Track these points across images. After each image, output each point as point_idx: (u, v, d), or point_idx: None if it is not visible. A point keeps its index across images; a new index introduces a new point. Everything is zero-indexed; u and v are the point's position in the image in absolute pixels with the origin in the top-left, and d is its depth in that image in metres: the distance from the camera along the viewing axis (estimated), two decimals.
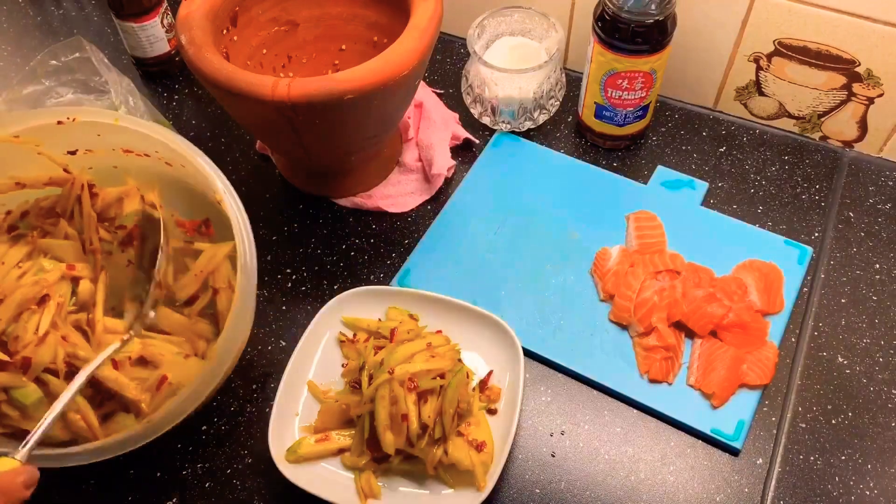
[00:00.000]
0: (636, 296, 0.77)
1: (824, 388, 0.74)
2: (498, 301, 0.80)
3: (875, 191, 0.88)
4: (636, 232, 0.83)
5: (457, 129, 0.92)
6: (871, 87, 0.85)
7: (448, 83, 0.99)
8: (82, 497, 0.70)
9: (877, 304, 0.79)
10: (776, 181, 0.89)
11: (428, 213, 0.88)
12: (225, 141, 0.95)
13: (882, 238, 0.84)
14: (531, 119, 0.92)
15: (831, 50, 0.84)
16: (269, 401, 0.75)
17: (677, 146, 0.92)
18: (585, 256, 0.83)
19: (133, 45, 0.98)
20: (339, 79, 0.70)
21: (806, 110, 0.91)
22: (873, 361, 0.76)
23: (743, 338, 0.75)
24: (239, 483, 0.71)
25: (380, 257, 0.84)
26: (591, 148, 0.93)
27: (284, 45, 0.88)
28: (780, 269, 0.80)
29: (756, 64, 0.89)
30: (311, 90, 0.69)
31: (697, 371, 0.74)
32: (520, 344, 0.73)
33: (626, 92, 0.85)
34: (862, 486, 0.69)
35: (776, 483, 0.70)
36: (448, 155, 0.89)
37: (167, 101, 0.99)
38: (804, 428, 0.72)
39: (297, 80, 0.70)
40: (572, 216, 0.86)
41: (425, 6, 0.75)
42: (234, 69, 0.71)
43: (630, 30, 0.79)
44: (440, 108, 0.94)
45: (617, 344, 0.77)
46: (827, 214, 0.86)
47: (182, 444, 0.73)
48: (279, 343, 0.79)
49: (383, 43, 0.85)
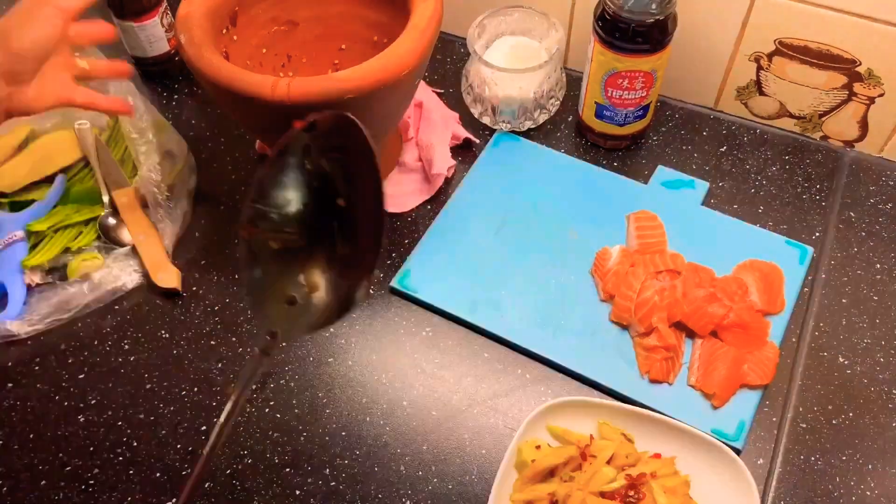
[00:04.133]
0: (637, 296, 0.77)
1: (825, 389, 0.74)
2: (498, 301, 0.80)
3: (876, 190, 0.88)
4: (636, 232, 0.83)
5: (457, 129, 0.92)
6: (871, 86, 0.85)
7: (448, 83, 0.99)
8: (82, 497, 0.70)
9: (878, 303, 0.79)
10: (777, 181, 0.89)
11: (428, 213, 0.88)
12: (225, 141, 0.94)
13: (883, 238, 0.84)
14: (531, 119, 0.92)
15: (832, 49, 0.84)
16: (269, 401, 0.75)
17: (678, 146, 0.92)
18: (585, 256, 0.83)
19: (133, 45, 0.98)
20: (339, 78, 0.69)
21: (807, 110, 0.91)
22: (874, 361, 0.76)
23: (744, 338, 0.75)
24: (239, 483, 0.71)
25: (379, 257, 0.84)
26: (592, 148, 0.93)
27: (284, 44, 0.87)
28: (780, 269, 0.80)
29: (757, 63, 0.89)
30: (310, 90, 0.69)
31: (698, 371, 0.74)
32: (755, 486, 0.64)
33: (627, 91, 0.85)
34: (863, 487, 0.69)
35: (777, 483, 0.69)
36: (448, 155, 0.89)
37: (167, 100, 0.99)
38: (805, 428, 0.72)
39: (297, 79, 0.69)
40: (572, 216, 0.86)
41: (425, 6, 0.75)
42: (234, 69, 0.71)
43: (630, 29, 0.79)
44: (440, 107, 0.94)
45: (617, 344, 0.77)
46: (828, 214, 0.86)
47: (182, 444, 0.73)
48: None
49: (383, 42, 0.85)
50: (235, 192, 0.90)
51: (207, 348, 0.79)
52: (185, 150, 0.90)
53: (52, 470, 0.72)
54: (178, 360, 0.78)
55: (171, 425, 0.74)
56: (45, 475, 0.72)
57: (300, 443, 0.73)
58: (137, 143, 0.87)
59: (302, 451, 0.73)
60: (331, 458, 0.72)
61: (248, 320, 0.81)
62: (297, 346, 0.78)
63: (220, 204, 0.89)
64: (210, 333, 0.80)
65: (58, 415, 0.75)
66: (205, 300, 0.82)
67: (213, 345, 0.79)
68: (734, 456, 0.66)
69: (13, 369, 0.78)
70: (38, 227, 0.83)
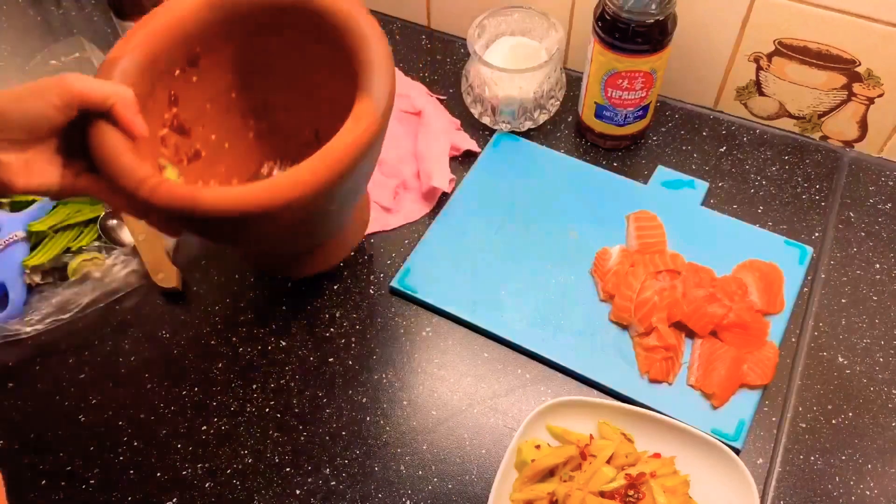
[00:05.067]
0: (636, 296, 0.77)
1: (824, 388, 0.74)
2: (498, 301, 0.80)
3: (875, 191, 0.88)
4: (636, 232, 0.83)
5: (457, 139, 0.92)
6: (871, 86, 0.85)
7: (448, 83, 0.99)
8: (82, 497, 0.70)
9: (877, 304, 0.79)
10: (776, 181, 0.89)
11: (428, 213, 0.88)
12: None
13: (882, 238, 0.84)
14: (531, 119, 0.92)
15: (832, 50, 0.84)
16: (270, 401, 0.75)
17: (677, 146, 0.92)
18: (585, 256, 0.83)
19: None
20: (206, 196, 0.59)
21: (806, 110, 0.91)
22: (874, 361, 0.76)
23: (743, 338, 0.75)
24: (239, 483, 0.71)
25: (380, 257, 0.84)
26: (592, 148, 0.93)
27: (262, 86, 0.78)
28: (780, 269, 0.80)
29: (756, 64, 0.89)
30: (174, 201, 0.59)
31: (698, 371, 0.74)
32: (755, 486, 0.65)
33: (627, 92, 0.85)
34: (862, 487, 0.69)
35: (776, 483, 0.69)
36: (447, 168, 0.89)
37: None
38: (804, 428, 0.72)
39: (166, 184, 0.60)
40: (572, 216, 0.86)
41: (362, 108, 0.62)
42: (115, 147, 0.60)
43: (630, 29, 0.79)
44: (440, 115, 0.94)
45: (617, 344, 0.77)
46: (827, 214, 0.86)
47: (182, 444, 0.73)
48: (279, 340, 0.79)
49: None
50: None
51: (207, 348, 0.79)
52: None
53: (52, 470, 0.72)
54: (178, 360, 0.78)
55: (171, 425, 0.74)
56: (45, 475, 0.72)
57: (300, 443, 0.73)
58: None
59: (302, 451, 0.73)
60: (331, 458, 0.72)
61: (249, 320, 0.81)
62: (298, 346, 0.78)
63: None
64: (210, 333, 0.80)
65: (58, 415, 0.75)
66: (205, 300, 0.82)
67: (213, 345, 0.79)
68: (734, 456, 0.66)
69: (13, 369, 0.78)
70: (38, 227, 0.83)
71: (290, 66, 0.77)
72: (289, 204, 0.59)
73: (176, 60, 0.71)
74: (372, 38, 0.66)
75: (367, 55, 0.65)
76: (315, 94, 0.78)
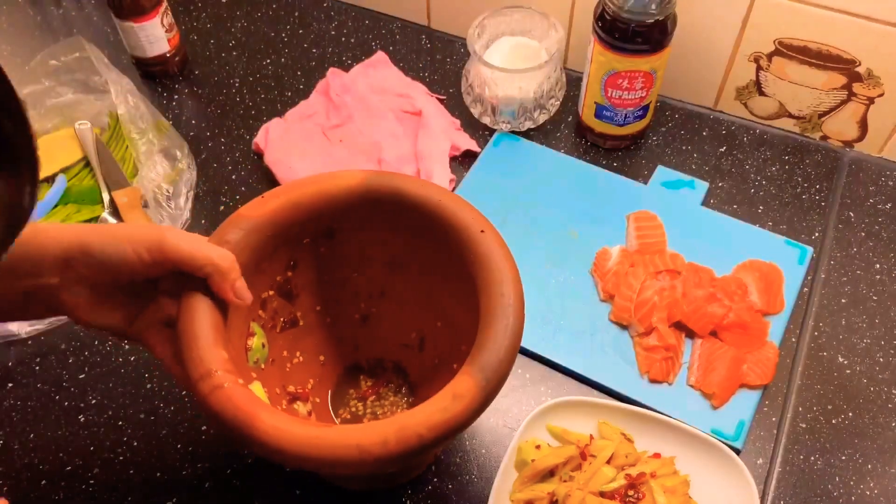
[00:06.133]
0: (636, 296, 0.77)
1: (824, 389, 0.74)
2: None
3: (875, 191, 0.88)
4: (636, 232, 0.83)
5: (457, 139, 0.92)
6: (871, 86, 0.85)
7: (448, 83, 0.99)
8: (82, 497, 0.70)
9: (877, 304, 0.79)
10: (776, 181, 0.89)
11: None
12: (225, 141, 0.94)
13: (882, 238, 0.84)
14: (531, 119, 0.92)
15: (832, 50, 0.84)
16: None
17: (677, 146, 0.92)
18: (585, 256, 0.83)
19: (133, 45, 0.98)
20: (264, 422, 0.52)
21: (806, 110, 0.91)
22: (874, 361, 0.76)
23: (743, 338, 0.75)
24: (239, 483, 0.71)
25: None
26: (592, 148, 0.93)
27: (385, 274, 0.72)
28: (780, 270, 0.80)
29: (756, 64, 0.89)
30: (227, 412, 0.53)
31: (698, 371, 0.74)
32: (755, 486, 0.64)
33: (627, 92, 0.85)
34: (862, 487, 0.69)
35: (776, 483, 0.69)
36: (447, 169, 0.89)
37: (167, 100, 0.99)
38: (804, 428, 0.72)
39: (227, 390, 0.54)
40: (572, 216, 0.86)
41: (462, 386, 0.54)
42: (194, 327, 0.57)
43: (630, 29, 0.79)
44: (440, 116, 0.94)
45: (617, 344, 0.77)
46: (827, 214, 0.86)
47: (182, 443, 0.73)
48: None
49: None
50: (235, 192, 0.90)
51: None
52: (186, 150, 0.90)
53: (52, 470, 0.72)
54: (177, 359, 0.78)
55: (171, 425, 0.74)
56: (45, 475, 0.72)
57: None
58: (137, 143, 0.87)
59: None
60: None
61: None
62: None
63: (220, 204, 0.89)
64: None
65: (58, 415, 0.75)
66: None
67: None
68: (734, 456, 0.66)
69: (13, 369, 0.78)
70: None
71: (419, 265, 0.70)
72: (350, 464, 0.52)
73: (310, 233, 0.67)
74: (504, 283, 0.58)
75: (489, 301, 0.57)
76: (434, 298, 0.71)
